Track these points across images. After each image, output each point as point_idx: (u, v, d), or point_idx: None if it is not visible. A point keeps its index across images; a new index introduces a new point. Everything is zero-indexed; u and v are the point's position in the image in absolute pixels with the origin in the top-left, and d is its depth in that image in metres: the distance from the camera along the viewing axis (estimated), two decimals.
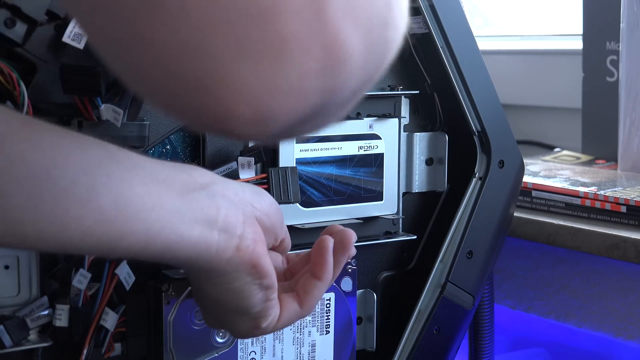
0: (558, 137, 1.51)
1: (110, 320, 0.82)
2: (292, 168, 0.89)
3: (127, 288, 0.83)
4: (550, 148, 1.50)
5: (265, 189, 0.87)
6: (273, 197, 0.87)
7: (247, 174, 0.87)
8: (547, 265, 1.18)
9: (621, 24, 1.29)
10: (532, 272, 1.20)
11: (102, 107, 0.80)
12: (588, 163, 1.39)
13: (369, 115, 0.96)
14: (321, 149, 0.93)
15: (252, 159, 0.87)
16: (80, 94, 0.80)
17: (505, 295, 1.23)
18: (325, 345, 0.93)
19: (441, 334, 0.99)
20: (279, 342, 0.90)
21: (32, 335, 0.78)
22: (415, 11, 0.95)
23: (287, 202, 0.89)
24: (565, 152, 1.47)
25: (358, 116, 0.95)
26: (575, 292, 1.14)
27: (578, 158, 1.42)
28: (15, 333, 0.77)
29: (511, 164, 1.01)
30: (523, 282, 1.21)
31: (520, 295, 1.21)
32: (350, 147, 0.95)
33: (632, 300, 1.08)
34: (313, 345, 0.92)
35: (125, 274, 0.83)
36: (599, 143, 1.43)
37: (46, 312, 0.79)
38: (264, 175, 0.88)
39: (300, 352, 0.92)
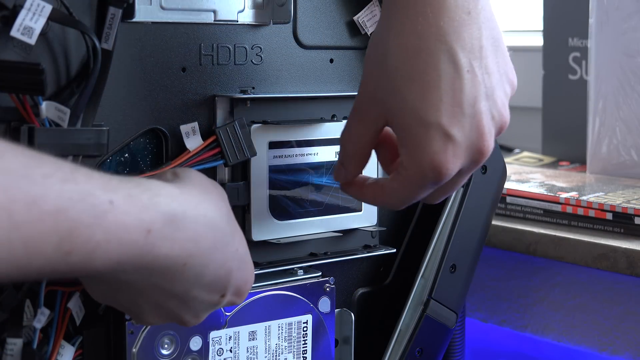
0: (517, 138, 1.44)
1: (66, 355, 0.72)
2: (240, 121, 0.79)
3: (77, 323, 0.73)
4: (509, 150, 1.44)
5: (218, 152, 0.78)
6: (227, 158, 0.79)
7: (193, 142, 0.77)
8: (522, 275, 1.11)
9: (590, 19, 1.23)
10: (505, 283, 1.13)
11: (43, 104, 0.69)
12: (552, 165, 1.33)
13: (344, 118, 0.87)
14: (296, 155, 0.84)
15: (195, 124, 0.78)
16: (19, 92, 0.68)
17: (475, 307, 1.15)
18: None
19: (424, 355, 0.91)
20: None
21: None
22: None
23: (244, 158, 0.79)
24: (525, 153, 1.41)
25: (333, 118, 0.87)
26: (554, 304, 1.07)
27: (540, 160, 1.36)
28: None
29: (494, 169, 0.93)
30: (495, 293, 1.14)
31: (492, 307, 1.14)
32: (327, 152, 0.86)
33: (618, 312, 1.01)
34: None
35: (77, 307, 0.73)
36: (561, 144, 1.38)
37: None
38: (213, 138, 0.78)
39: None
